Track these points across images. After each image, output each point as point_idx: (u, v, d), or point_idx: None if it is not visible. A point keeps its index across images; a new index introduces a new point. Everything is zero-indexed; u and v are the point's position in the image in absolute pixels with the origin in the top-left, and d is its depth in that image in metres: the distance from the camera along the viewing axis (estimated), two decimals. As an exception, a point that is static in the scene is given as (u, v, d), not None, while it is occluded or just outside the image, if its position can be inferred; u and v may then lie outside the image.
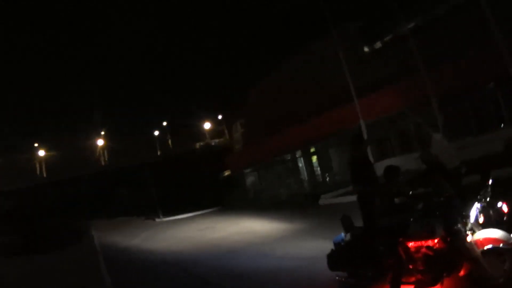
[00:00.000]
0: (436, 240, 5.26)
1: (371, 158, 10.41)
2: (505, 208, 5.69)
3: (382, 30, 25.07)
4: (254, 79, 40.97)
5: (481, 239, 5.19)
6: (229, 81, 78.37)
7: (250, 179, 37.47)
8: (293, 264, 9.48)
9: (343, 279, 6.66)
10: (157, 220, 33.63)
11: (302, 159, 31.77)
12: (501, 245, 5.07)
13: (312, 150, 30.79)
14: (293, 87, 29.77)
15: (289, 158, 32.90)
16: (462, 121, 19.88)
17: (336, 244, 7.06)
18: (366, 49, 26.22)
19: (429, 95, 18.61)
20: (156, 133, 63.70)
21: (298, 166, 32.12)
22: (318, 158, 30.71)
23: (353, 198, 16.22)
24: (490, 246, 5.14)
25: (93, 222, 34.85)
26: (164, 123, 64.66)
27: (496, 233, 5.17)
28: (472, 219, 5.35)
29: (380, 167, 7.36)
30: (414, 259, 5.38)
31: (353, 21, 26.25)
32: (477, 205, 5.48)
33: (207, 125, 64.38)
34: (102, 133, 60.28)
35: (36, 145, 56.58)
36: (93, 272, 13.79)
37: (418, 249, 5.34)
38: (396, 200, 5.94)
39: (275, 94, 32.17)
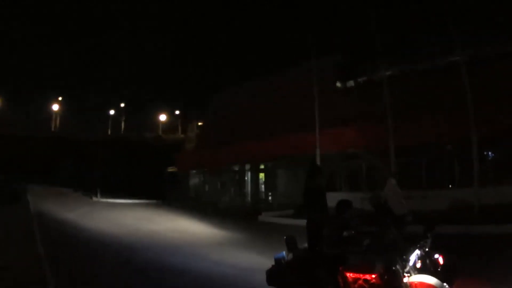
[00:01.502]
0: (374, 275, 5.57)
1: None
2: (441, 260, 6.34)
3: (358, 70, 25.96)
4: (221, 85, 41.38)
5: (416, 283, 5.59)
6: (197, 80, 78.23)
7: (194, 181, 37.61)
8: (229, 272, 9.91)
9: None
10: (94, 199, 33.37)
11: (249, 173, 32.28)
12: None
13: (262, 167, 31.38)
14: (258, 104, 30.35)
15: (237, 169, 33.33)
16: (415, 173, 20.86)
17: (277, 261, 7.28)
18: (338, 84, 26.99)
19: (388, 142, 19.56)
20: (112, 112, 62.87)
21: (244, 179, 32.60)
22: (265, 176, 31.32)
23: (292, 221, 17.08)
24: None
25: (30, 187, 33.86)
26: (122, 105, 63.88)
27: (430, 280, 5.58)
28: (411, 263, 5.79)
29: (329, 199, 7.97)
30: None
31: (331, 55, 26.95)
32: (417, 252, 5.96)
33: (162, 117, 64.23)
34: (60, 98, 58.93)
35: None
36: (25, 242, 13.62)
37: (355, 280, 5.65)
38: (344, 232, 6.38)
39: (239, 105, 32.70)
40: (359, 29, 24.48)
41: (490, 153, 19.67)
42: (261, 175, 31.75)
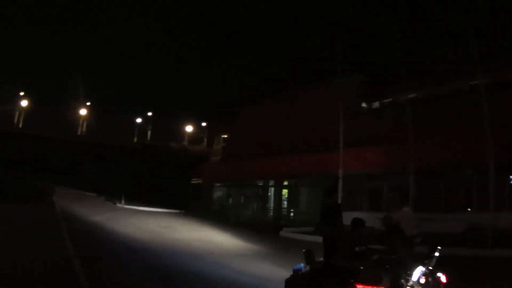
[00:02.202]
0: None
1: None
2: (443, 279, 6.77)
3: (383, 91, 26.36)
4: (249, 99, 41.89)
5: None
6: (225, 93, 79.24)
7: (218, 193, 38.06)
8: (250, 281, 10.32)
9: None
10: (118, 204, 34.02)
11: (273, 189, 32.67)
12: None
13: (285, 183, 31.72)
14: (284, 120, 30.73)
15: (261, 184, 33.74)
16: (433, 195, 21.06)
17: (295, 272, 7.80)
18: (364, 104, 27.39)
19: (409, 165, 19.77)
20: (139, 120, 63.99)
21: (267, 195, 32.98)
22: (288, 192, 31.64)
23: (312, 237, 17.37)
24: None
25: (58, 188, 34.60)
26: (149, 113, 64.91)
27: None
28: (415, 278, 6.40)
29: (347, 217, 8.34)
30: None
31: (358, 74, 27.35)
32: (421, 269, 6.55)
33: (188, 128, 65.01)
34: (88, 103, 60.41)
35: (22, 93, 56.39)
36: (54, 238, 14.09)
37: None
38: (357, 248, 6.93)
39: (266, 120, 33.10)
40: (386, 50, 24.85)
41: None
42: (284, 191, 32.07)
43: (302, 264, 7.86)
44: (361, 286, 6.23)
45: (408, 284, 6.32)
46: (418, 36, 22.72)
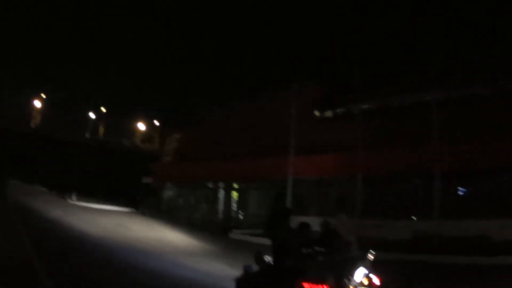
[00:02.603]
0: (325, 286, 6.83)
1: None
2: (376, 281, 7.70)
3: (336, 101, 27.42)
4: (203, 102, 42.50)
5: None
6: (179, 94, 79.10)
7: (168, 193, 38.37)
8: (203, 278, 11.28)
9: None
10: (70, 201, 33.95)
11: (223, 191, 33.60)
12: None
13: (235, 186, 32.73)
14: (237, 125, 31.55)
15: (211, 186, 34.55)
16: (382, 203, 22.25)
17: (246, 270, 8.55)
18: (316, 113, 28.42)
19: (357, 173, 21.13)
20: (92, 115, 62.44)
21: (217, 197, 33.83)
22: (238, 195, 32.66)
23: (260, 239, 18.49)
24: None
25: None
26: (103, 109, 63.63)
27: None
28: (357, 279, 7.07)
29: (296, 221, 9.31)
30: None
31: (312, 84, 28.19)
32: (364, 270, 7.22)
33: (141, 126, 64.06)
34: (43, 95, 59.06)
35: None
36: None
37: None
38: (303, 249, 7.64)
39: (219, 124, 33.88)
40: (343, 61, 26.03)
41: (460, 188, 21.12)
42: (234, 194, 33.01)
43: (252, 265, 8.53)
44: (307, 285, 6.90)
45: (351, 283, 6.90)
46: (374, 50, 24.08)
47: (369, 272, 7.40)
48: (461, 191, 21.14)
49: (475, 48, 20.85)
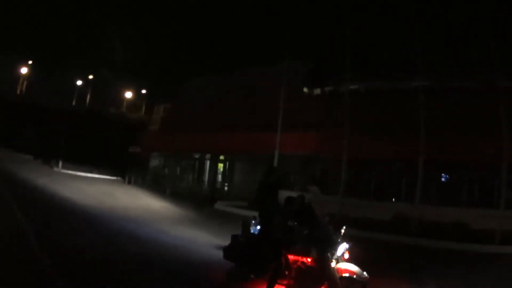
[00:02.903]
0: (309, 259, 7.26)
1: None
2: (346, 255, 7.72)
3: (325, 79, 27.66)
4: (192, 73, 42.04)
5: (342, 268, 7.27)
6: (168, 63, 78.13)
7: (155, 163, 38.60)
8: (187, 245, 11.62)
9: (232, 269, 8.50)
10: (55, 169, 34.04)
11: (209, 162, 33.88)
12: (354, 276, 7.18)
13: (222, 158, 33.01)
14: (226, 98, 31.75)
15: (197, 157, 34.80)
16: (365, 184, 23.22)
17: (234, 239, 8.92)
18: (305, 90, 28.73)
19: (342, 152, 21.50)
20: (79, 82, 61.60)
21: (204, 168, 34.15)
22: (224, 167, 32.97)
23: (244, 211, 18.90)
24: (347, 274, 7.15)
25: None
26: (90, 76, 62.82)
27: (353, 267, 7.29)
28: (339, 253, 7.45)
29: (282, 195, 9.56)
30: (291, 268, 7.31)
31: (303, 60, 28.18)
32: (345, 245, 7.62)
33: (128, 94, 63.04)
34: (30, 62, 58.04)
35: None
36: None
37: (295, 262, 7.32)
38: (289, 222, 7.85)
39: (207, 96, 33.93)
40: (334, 40, 25.80)
41: (443, 175, 21.99)
42: (220, 166, 33.34)
43: (238, 234, 8.99)
44: (292, 256, 7.37)
45: (333, 257, 7.30)
46: (366, 32, 24.09)
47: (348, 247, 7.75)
48: (444, 177, 21.81)
49: (469, 42, 20.98)
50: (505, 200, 16.90)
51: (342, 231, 7.76)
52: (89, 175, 33.29)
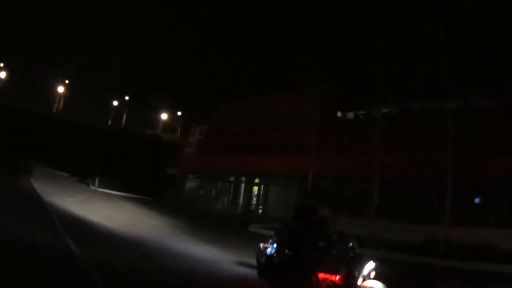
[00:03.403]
0: (337, 277, 7.69)
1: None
2: None
3: (357, 102, 28.01)
4: (226, 95, 42.73)
5: (368, 286, 7.91)
6: (203, 85, 79.31)
7: (190, 185, 39.05)
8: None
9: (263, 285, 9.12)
10: (91, 187, 34.70)
11: (244, 185, 34.04)
12: None
13: (256, 181, 33.14)
14: (260, 120, 32.14)
15: (232, 179, 35.05)
16: (397, 206, 23.12)
17: (268, 257, 9.16)
18: (339, 114, 29.17)
19: (373, 174, 21.45)
20: (115, 103, 63.80)
21: (238, 190, 34.33)
22: (258, 190, 33.07)
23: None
24: None
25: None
26: (126, 97, 64.56)
27: (378, 285, 7.91)
28: (365, 272, 8.04)
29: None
30: (320, 285, 7.78)
31: (336, 85, 28.85)
32: (372, 264, 8.22)
33: (163, 116, 64.79)
34: (67, 81, 60.07)
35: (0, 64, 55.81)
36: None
37: (324, 280, 7.76)
38: (320, 243, 8.51)
39: (242, 118, 34.39)
40: (367, 62, 26.10)
41: (477, 199, 21.57)
42: (255, 188, 33.48)
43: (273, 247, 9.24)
44: (322, 274, 7.81)
45: (360, 275, 7.89)
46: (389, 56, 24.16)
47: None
48: (477, 200, 21.51)
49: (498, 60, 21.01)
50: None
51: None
52: (124, 194, 33.73)
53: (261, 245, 9.68)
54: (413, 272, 14.13)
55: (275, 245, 9.28)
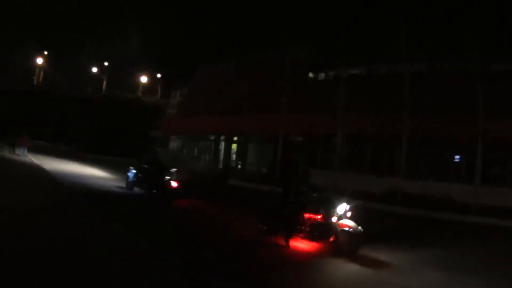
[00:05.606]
0: (319, 216, 9.35)
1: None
2: None
3: (328, 64, 29.24)
4: (204, 57, 43.56)
5: (342, 223, 9.23)
6: (181, 48, 79.44)
7: (173, 145, 40.83)
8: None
9: (262, 228, 10.22)
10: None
11: (224, 143, 35.99)
12: (351, 230, 9.07)
13: (235, 139, 35.04)
14: (237, 81, 33.41)
15: (213, 138, 36.87)
16: (364, 159, 25.15)
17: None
18: (311, 74, 30.76)
19: (337, 131, 23.68)
20: (94, 69, 63.17)
21: (218, 148, 36.44)
22: (237, 147, 35.19)
23: (256, 185, 21.02)
24: (346, 228, 9.12)
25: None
26: (106, 63, 63.25)
27: (351, 223, 9.24)
28: (340, 211, 9.42)
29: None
30: (305, 224, 9.43)
31: (309, 45, 30.21)
32: (346, 205, 9.50)
33: (143, 79, 64.10)
34: (45, 52, 59.67)
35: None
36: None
37: (309, 219, 9.43)
38: (302, 188, 10.13)
39: (220, 80, 35.79)
40: (336, 26, 27.24)
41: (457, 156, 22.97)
42: (234, 146, 35.48)
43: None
44: (307, 215, 9.55)
45: (336, 215, 9.33)
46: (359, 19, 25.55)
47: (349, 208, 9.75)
48: (457, 159, 22.88)
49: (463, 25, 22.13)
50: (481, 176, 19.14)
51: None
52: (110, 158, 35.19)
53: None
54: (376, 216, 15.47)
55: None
